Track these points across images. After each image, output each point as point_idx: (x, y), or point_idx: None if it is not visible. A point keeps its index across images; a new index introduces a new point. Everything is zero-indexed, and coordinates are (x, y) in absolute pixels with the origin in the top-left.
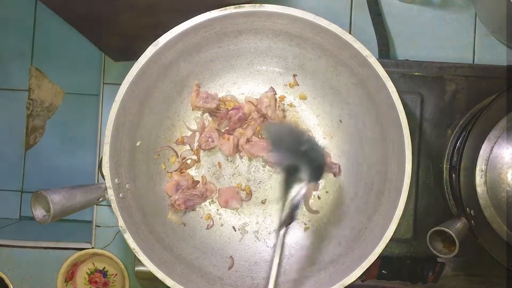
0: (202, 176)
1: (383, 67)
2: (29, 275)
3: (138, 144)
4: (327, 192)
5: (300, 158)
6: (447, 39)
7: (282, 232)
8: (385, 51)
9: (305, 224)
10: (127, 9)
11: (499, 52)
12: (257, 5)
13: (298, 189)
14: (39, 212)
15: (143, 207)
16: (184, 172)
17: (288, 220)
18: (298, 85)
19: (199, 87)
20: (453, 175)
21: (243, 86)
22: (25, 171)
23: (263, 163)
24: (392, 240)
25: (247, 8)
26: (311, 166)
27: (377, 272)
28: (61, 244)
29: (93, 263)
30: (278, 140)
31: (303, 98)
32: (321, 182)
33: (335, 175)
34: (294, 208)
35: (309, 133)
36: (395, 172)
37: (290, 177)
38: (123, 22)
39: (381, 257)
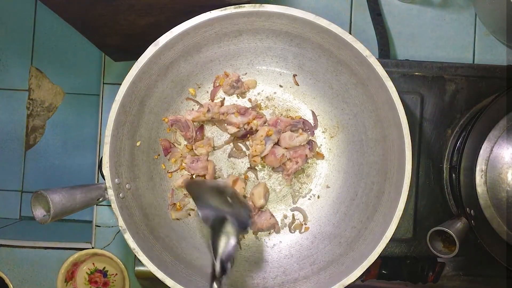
0: (209, 160)
1: (383, 67)
2: (29, 275)
3: (138, 144)
4: (328, 186)
5: (225, 212)
6: (447, 39)
7: (215, 286)
8: (385, 51)
9: (305, 224)
10: (127, 9)
11: (499, 52)
12: (257, 5)
13: (227, 242)
14: (39, 212)
15: (143, 207)
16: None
17: (220, 274)
18: (298, 85)
19: (237, 77)
20: (453, 175)
21: None
22: (25, 171)
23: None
24: (392, 240)
25: (247, 8)
26: (237, 218)
27: (377, 272)
28: (61, 244)
29: (93, 263)
30: (203, 196)
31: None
32: (321, 182)
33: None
34: (226, 261)
35: (231, 189)
36: (395, 172)
37: (217, 231)
38: (123, 22)
39: (381, 257)
